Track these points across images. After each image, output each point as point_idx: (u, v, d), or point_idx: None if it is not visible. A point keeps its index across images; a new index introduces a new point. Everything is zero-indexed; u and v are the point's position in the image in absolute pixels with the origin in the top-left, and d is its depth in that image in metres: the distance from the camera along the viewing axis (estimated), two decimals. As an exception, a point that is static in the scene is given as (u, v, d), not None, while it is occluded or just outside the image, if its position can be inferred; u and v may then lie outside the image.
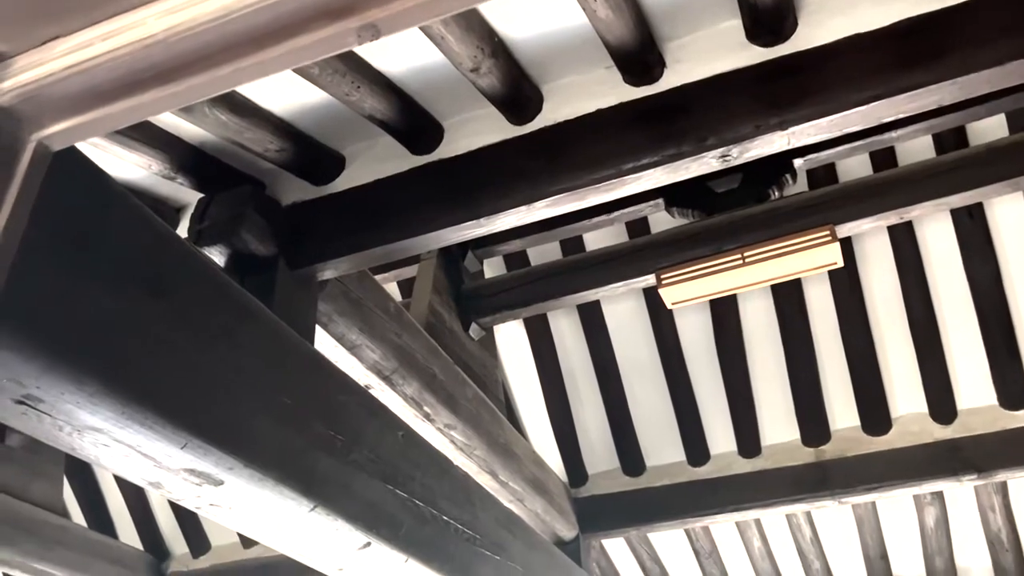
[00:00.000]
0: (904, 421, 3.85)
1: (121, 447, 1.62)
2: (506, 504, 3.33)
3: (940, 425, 3.78)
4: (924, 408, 3.83)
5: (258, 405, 1.88)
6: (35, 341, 1.37)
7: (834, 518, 4.31)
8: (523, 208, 2.13)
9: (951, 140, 3.41)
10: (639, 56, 2.13)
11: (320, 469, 2.05)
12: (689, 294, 3.30)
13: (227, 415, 1.77)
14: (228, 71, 0.90)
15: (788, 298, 3.82)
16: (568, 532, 4.24)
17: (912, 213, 3.12)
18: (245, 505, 1.92)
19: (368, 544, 2.22)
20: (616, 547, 4.71)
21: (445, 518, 2.64)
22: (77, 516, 4.98)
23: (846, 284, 3.73)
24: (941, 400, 3.77)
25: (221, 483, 1.80)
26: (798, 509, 4.03)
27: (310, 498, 2.00)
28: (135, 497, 4.93)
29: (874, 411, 3.86)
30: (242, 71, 0.92)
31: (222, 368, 1.79)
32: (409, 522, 2.42)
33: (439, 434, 3.16)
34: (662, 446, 4.25)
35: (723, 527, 4.47)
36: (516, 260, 3.98)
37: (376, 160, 2.37)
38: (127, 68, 0.87)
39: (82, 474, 4.91)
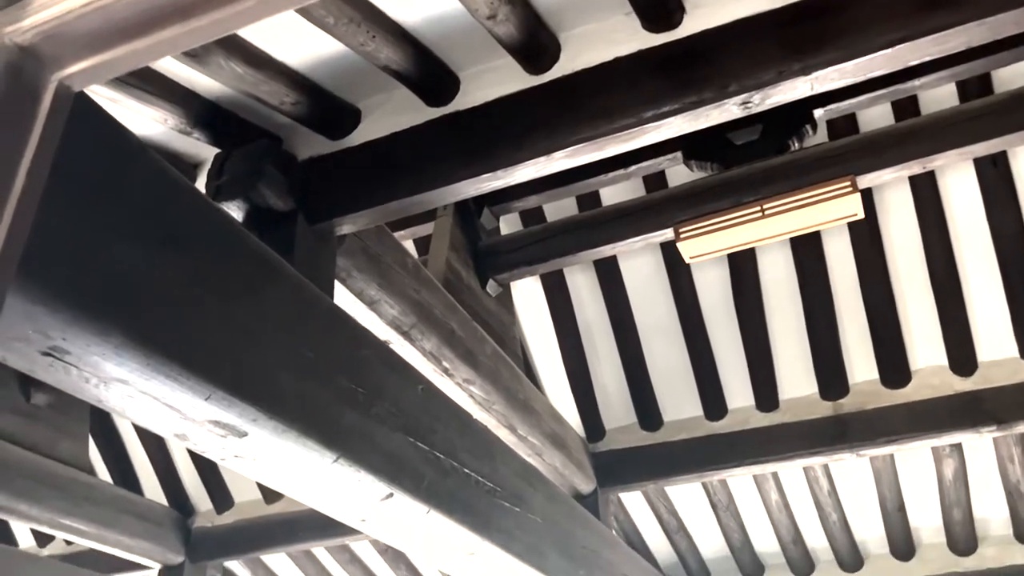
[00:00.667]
0: (923, 374, 3.84)
1: (146, 399, 1.64)
2: (525, 458, 3.35)
3: (960, 377, 3.76)
4: (944, 361, 3.81)
5: (281, 358, 1.89)
6: (59, 293, 1.38)
7: (852, 471, 4.32)
8: (541, 159, 2.12)
9: (975, 88, 3.34)
10: (658, 1, 2.10)
11: (343, 421, 2.07)
12: (707, 248, 3.28)
13: (250, 367, 1.79)
14: (252, 3, 0.89)
15: (807, 251, 3.79)
16: (586, 486, 4.28)
17: (935, 163, 3.07)
18: (269, 456, 1.95)
19: (391, 495, 2.25)
20: (634, 500, 4.75)
21: (466, 470, 2.67)
22: (103, 474, 5.07)
23: (866, 236, 3.70)
24: (961, 352, 3.75)
25: (245, 434, 1.82)
26: (816, 462, 4.04)
27: (333, 449, 2.02)
28: (159, 455, 5.01)
29: (893, 364, 3.84)
30: (267, 3, 0.90)
31: (244, 321, 1.80)
32: (431, 474, 2.45)
33: (458, 389, 3.18)
34: (679, 401, 4.26)
35: (740, 480, 4.49)
36: (532, 216, 3.96)
37: (392, 113, 2.35)
38: (148, 3, 0.86)
39: (107, 433, 4.99)
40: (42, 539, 5.34)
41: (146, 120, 2.21)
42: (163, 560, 4.85)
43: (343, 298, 2.60)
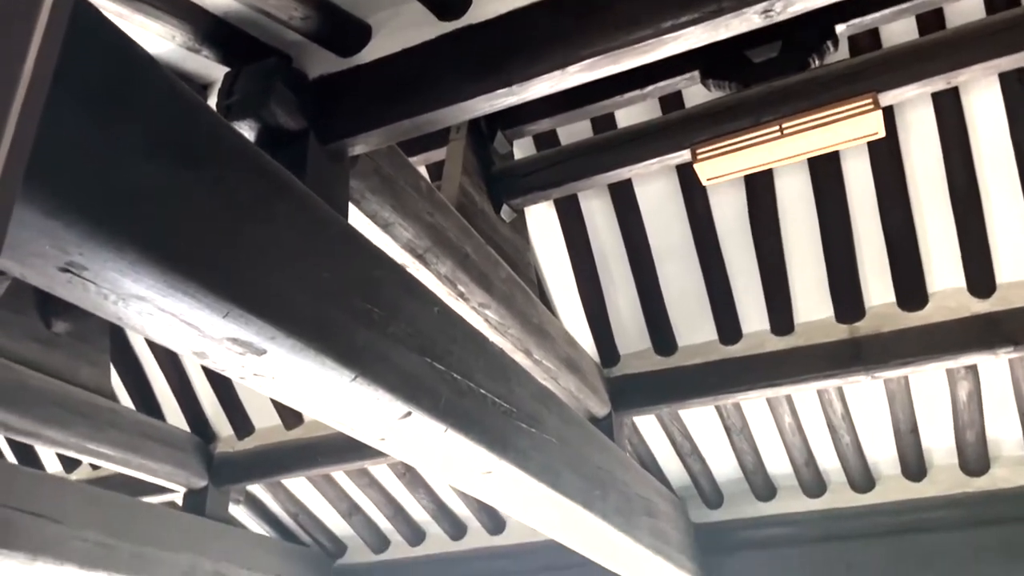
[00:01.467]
0: (941, 296, 3.82)
1: (165, 316, 1.65)
2: (540, 382, 3.38)
3: (978, 299, 3.74)
4: (962, 283, 3.78)
5: (296, 277, 1.89)
6: (74, 206, 1.37)
7: (866, 394, 4.34)
8: (556, 73, 2.07)
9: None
10: (677, -94, 2.02)
11: (359, 341, 2.09)
12: (725, 169, 3.24)
13: (266, 286, 1.79)
14: None
15: (825, 172, 3.73)
16: (601, 410, 4.32)
17: (960, 78, 2.98)
18: (287, 375, 1.97)
19: (408, 414, 2.28)
20: (647, 424, 4.80)
21: (482, 391, 2.69)
22: (125, 401, 5.16)
23: (886, 155, 3.63)
24: (980, 274, 3.72)
25: (264, 352, 1.84)
26: (830, 384, 4.06)
27: (350, 368, 2.04)
28: (179, 383, 5.09)
29: (910, 286, 3.82)
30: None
31: (260, 239, 1.79)
32: (447, 394, 2.47)
33: (473, 313, 3.19)
34: (694, 326, 4.27)
35: (754, 404, 4.52)
36: (546, 140, 3.91)
37: (402, 28, 2.30)
38: None
39: (128, 361, 5.06)
40: (69, 464, 5.48)
41: (154, 37, 2.17)
42: (187, 484, 4.98)
43: (357, 220, 2.59)
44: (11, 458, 5.47)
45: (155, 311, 1.61)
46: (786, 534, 4.85)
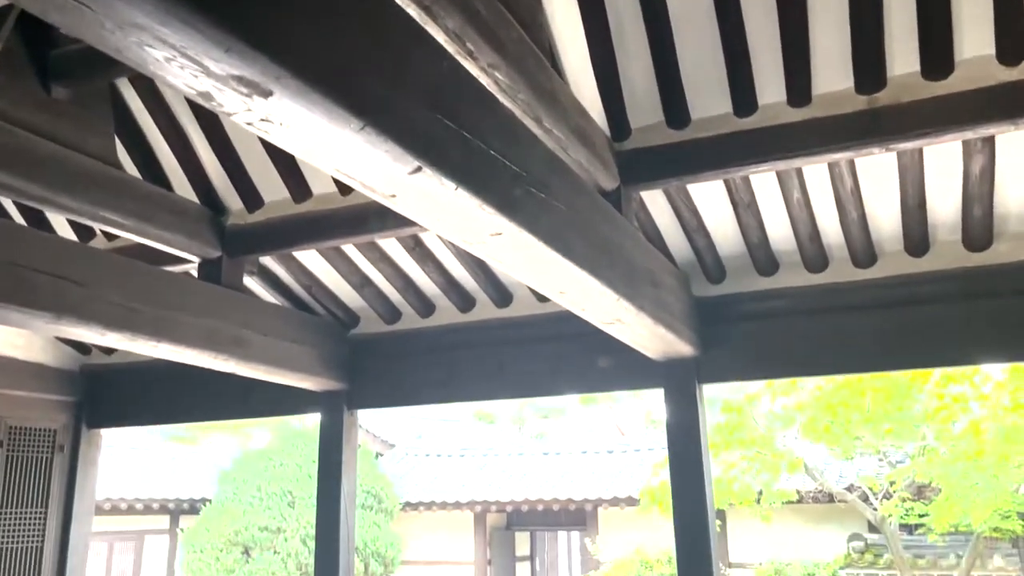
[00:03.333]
0: (967, 64, 3.67)
1: (165, 49, 1.59)
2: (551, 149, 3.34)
3: (1005, 67, 3.59)
4: (991, 50, 3.62)
5: (303, 15, 1.81)
6: (59, -85, 1.28)
7: (877, 167, 4.29)
8: None
9: None
10: None
11: (367, 89, 2.04)
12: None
13: (272, 21, 1.72)
14: None
15: (860, -73, 3.47)
16: (610, 183, 4.31)
17: None
18: (295, 121, 1.93)
19: (419, 168, 2.26)
20: (655, 200, 4.81)
21: (492, 152, 2.67)
22: (132, 172, 5.14)
23: (927, -91, 3.36)
24: (1011, 38, 3.54)
25: (270, 94, 1.80)
26: (843, 157, 4.01)
27: (359, 117, 2.00)
28: (186, 154, 5.05)
29: (936, 53, 3.66)
30: None
31: (258, -30, 1.70)
32: (458, 151, 2.45)
33: (482, 74, 3.09)
34: (709, 97, 4.15)
35: (763, 178, 4.50)
36: None
37: None
38: None
39: (133, 133, 4.99)
40: (83, 234, 5.57)
41: None
42: (201, 254, 5.09)
43: (361, -34, 2.44)
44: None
45: (154, 42, 1.55)
46: (785, 306, 5.00)
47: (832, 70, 3.90)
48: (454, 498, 17.92)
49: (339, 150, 2.10)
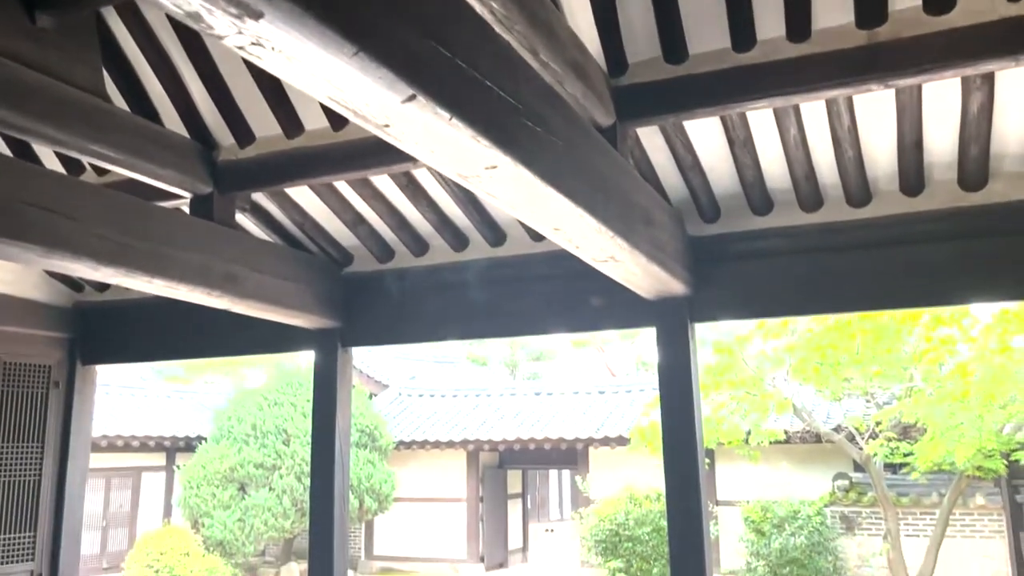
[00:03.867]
0: (971, -1, 3.61)
1: (154, -34, 1.55)
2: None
3: (1009, 2, 3.53)
4: (996, -17, 3.56)
5: (291, -68, 1.76)
6: None
7: (875, 106, 4.25)
8: None
9: None
10: None
11: (362, 13, 2.00)
12: None
13: (260, -62, 1.67)
14: None
15: None
16: (605, 119, 4.27)
17: None
18: (287, 46, 1.90)
19: (413, 97, 2.23)
20: (650, 137, 4.76)
21: (488, 83, 2.63)
22: (120, 105, 5.06)
23: None
24: (1017, -28, 3.49)
25: (261, 15, 1.76)
26: (842, 93, 3.97)
27: (353, 42, 1.97)
28: (175, 87, 4.96)
29: (941, -14, 3.60)
30: None
31: None
32: (453, 80, 2.42)
33: (478, 3, 3.03)
34: (707, 30, 4.08)
35: (760, 116, 4.46)
36: None
37: None
38: None
39: (120, 65, 4.90)
40: (72, 169, 5.50)
41: None
42: (192, 190, 5.04)
43: None
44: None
45: (143, -42, 1.51)
46: (779, 246, 5.01)
47: (832, 4, 3.83)
48: (447, 437, 18.16)
49: (332, 76, 2.07)
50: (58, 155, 5.41)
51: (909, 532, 13.64)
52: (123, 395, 19.61)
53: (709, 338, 14.23)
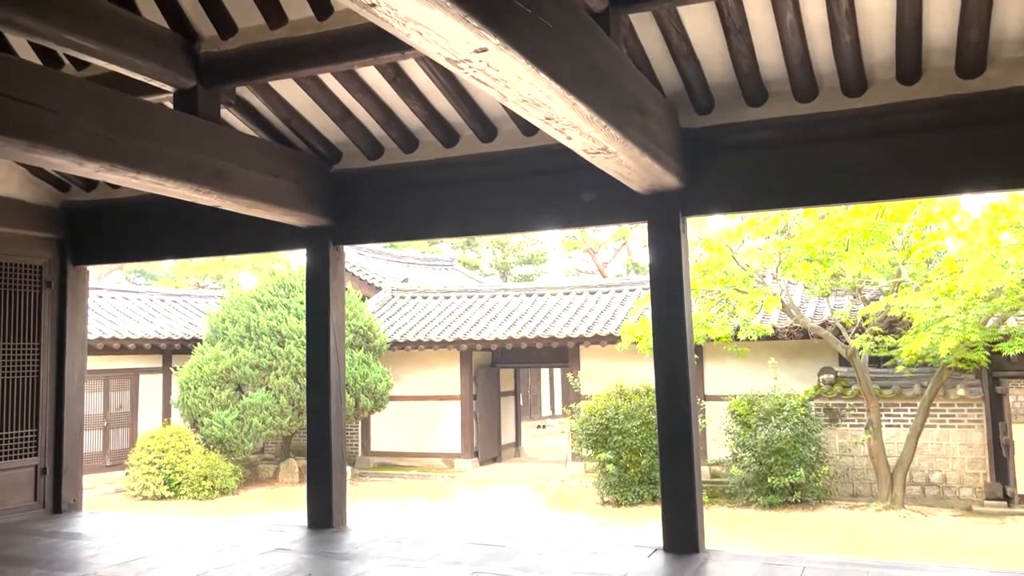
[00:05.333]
0: None
1: None
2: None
3: None
4: None
5: None
6: None
7: (875, -11, 4.15)
8: None
9: None
10: None
11: None
12: None
13: None
14: None
15: None
16: (598, 4, 4.15)
17: None
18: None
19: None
20: (644, 26, 4.64)
21: (478, -41, 2.54)
22: (97, -4, 4.88)
23: None
24: None
25: None
26: (841, -25, 3.85)
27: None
28: (151, -25, 4.79)
29: None
30: None
31: None
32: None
33: None
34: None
35: (757, 1, 4.33)
36: None
37: None
38: None
39: (91, -49, 4.70)
40: (50, 62, 5.35)
41: None
42: (175, 83, 4.93)
43: None
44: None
45: None
46: (773, 137, 4.95)
47: None
48: (440, 337, 18.38)
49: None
50: (34, 47, 5.24)
51: (890, 423, 14.04)
52: (117, 299, 19.68)
53: (700, 237, 14.24)
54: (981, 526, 12.22)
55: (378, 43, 4.59)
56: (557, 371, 28.08)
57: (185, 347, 18.59)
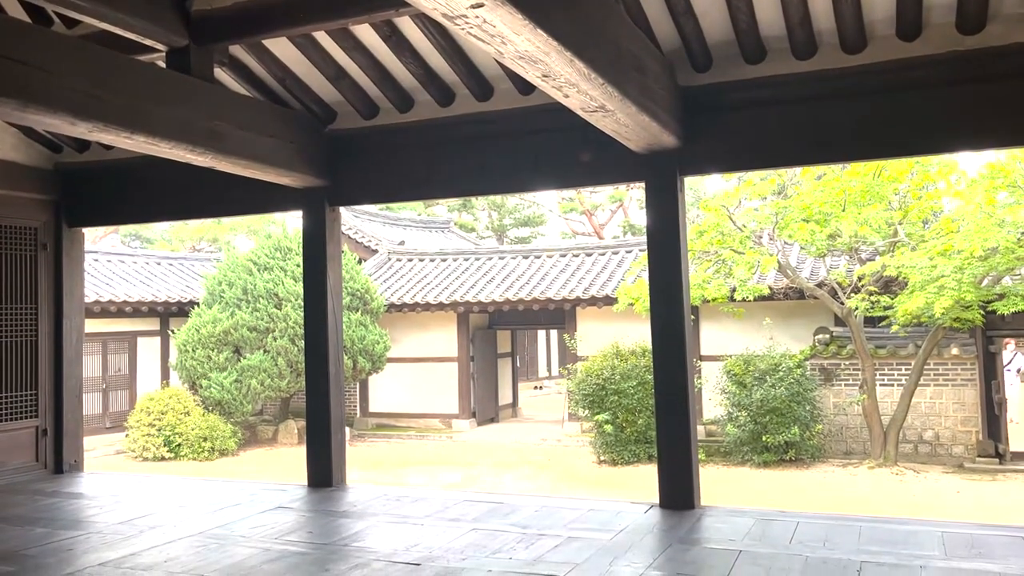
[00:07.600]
0: None
1: None
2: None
3: None
4: None
5: None
6: None
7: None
8: None
9: None
10: None
11: None
12: None
13: None
14: None
15: None
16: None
17: None
18: None
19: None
20: (643, -19, 4.59)
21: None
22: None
23: None
24: None
25: None
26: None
27: None
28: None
29: None
30: None
31: None
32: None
33: None
34: None
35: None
36: None
37: None
38: None
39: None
40: (38, 20, 5.26)
41: None
42: (167, 42, 4.86)
43: None
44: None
45: None
46: (771, 95, 4.92)
47: None
48: (437, 299, 18.41)
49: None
50: (22, 3, 5.16)
51: (884, 382, 14.15)
52: (113, 262, 19.63)
53: (697, 199, 14.19)
54: (973, 482, 12.39)
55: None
56: (554, 333, 28.20)
57: (182, 310, 18.60)
